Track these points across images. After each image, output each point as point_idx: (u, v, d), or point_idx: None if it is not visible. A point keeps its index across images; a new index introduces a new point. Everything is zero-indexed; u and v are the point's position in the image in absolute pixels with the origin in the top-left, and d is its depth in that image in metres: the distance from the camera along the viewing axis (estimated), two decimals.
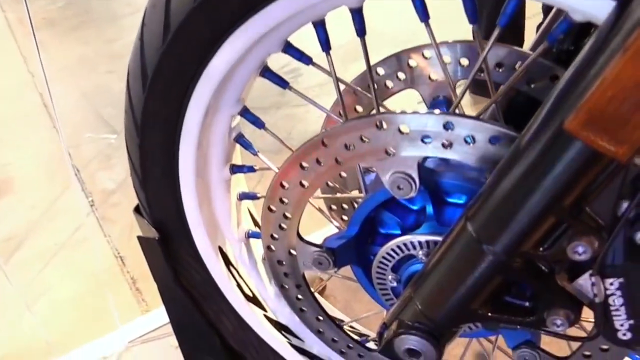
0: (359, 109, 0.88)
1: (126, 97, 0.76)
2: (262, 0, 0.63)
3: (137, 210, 0.89)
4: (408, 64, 0.82)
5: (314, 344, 0.99)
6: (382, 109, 0.76)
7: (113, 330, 1.38)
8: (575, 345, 0.76)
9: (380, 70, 0.83)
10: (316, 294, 0.87)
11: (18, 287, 1.58)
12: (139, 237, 0.87)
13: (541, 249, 0.56)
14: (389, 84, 0.84)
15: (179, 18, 0.65)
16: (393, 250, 0.73)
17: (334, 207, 0.99)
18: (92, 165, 2.06)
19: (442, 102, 0.80)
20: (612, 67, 0.42)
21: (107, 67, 2.68)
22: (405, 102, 0.81)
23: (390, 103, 0.88)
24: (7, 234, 1.79)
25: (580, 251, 0.55)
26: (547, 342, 0.79)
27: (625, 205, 0.54)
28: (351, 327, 1.03)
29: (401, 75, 0.83)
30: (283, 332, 0.99)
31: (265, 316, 0.98)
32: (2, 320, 1.50)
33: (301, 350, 0.99)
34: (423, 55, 0.80)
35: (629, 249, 0.57)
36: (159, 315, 1.39)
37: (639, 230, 0.56)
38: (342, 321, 0.96)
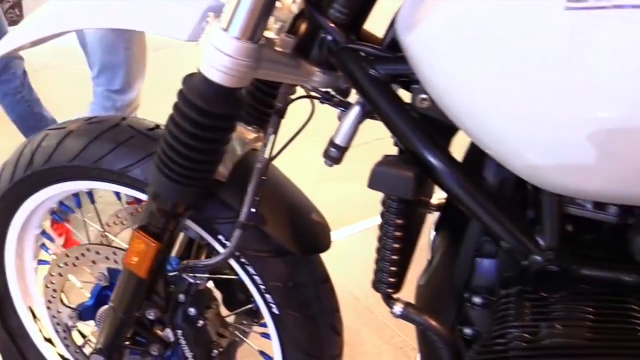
0: None
1: None
2: (50, 182, 1.31)
3: None
4: None
5: None
6: None
7: None
8: None
9: None
10: None
11: None
12: None
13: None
14: None
15: (5, 185, 1.34)
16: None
17: None
18: None
19: None
20: None
21: None
22: None
23: None
24: None
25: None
26: None
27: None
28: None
29: None
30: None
31: (59, 354, 1.59)
32: None
33: None
34: None
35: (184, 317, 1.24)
36: None
37: (190, 307, 1.24)
38: None
